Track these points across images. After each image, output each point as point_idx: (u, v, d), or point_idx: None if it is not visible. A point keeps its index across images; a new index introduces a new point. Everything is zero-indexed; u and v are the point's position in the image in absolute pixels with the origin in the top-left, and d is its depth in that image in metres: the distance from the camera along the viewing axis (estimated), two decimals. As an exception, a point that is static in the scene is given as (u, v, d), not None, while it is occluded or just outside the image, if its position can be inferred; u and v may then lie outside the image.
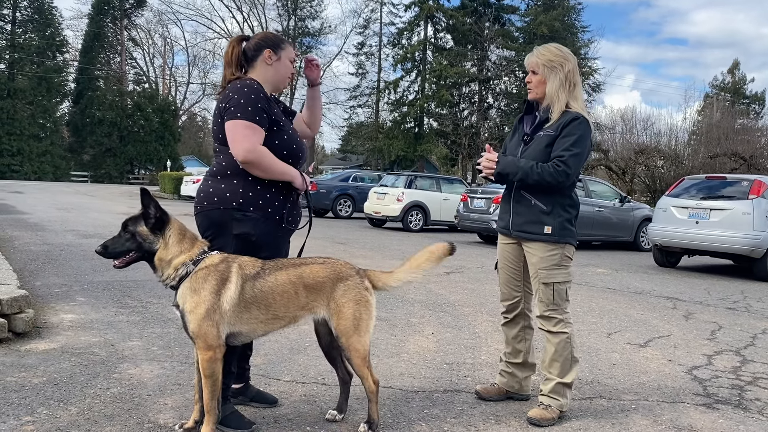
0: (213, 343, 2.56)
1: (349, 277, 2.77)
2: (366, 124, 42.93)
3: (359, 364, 2.75)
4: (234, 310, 2.59)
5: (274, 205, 2.83)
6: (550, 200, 3.16)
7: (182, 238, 2.67)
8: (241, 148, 2.68)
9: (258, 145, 2.71)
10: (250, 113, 2.71)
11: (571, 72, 3.17)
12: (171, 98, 53.68)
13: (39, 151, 46.24)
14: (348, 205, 19.64)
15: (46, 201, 19.44)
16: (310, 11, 45.61)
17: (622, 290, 7.77)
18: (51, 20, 48.33)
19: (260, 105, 2.75)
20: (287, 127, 2.91)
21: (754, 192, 9.43)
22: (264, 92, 2.82)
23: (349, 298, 2.73)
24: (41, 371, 3.44)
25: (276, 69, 2.93)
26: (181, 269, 2.61)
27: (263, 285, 2.64)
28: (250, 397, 3.11)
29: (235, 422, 2.79)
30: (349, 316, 2.71)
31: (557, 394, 3.15)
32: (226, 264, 2.63)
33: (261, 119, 2.74)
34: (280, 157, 2.81)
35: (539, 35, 35.39)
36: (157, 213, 2.64)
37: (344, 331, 2.71)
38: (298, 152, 2.92)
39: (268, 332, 2.78)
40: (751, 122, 38.16)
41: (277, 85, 2.97)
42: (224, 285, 2.58)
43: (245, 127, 2.70)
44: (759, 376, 4.20)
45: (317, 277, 2.72)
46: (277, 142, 2.82)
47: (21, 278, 5.55)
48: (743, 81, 57.29)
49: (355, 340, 2.72)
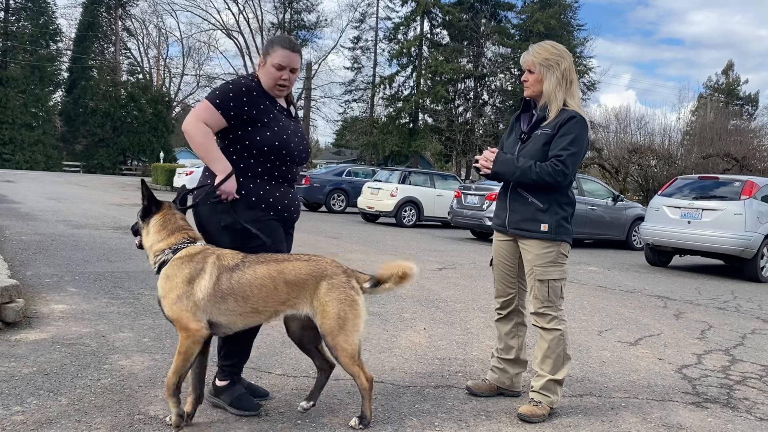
0: (190, 325, 2.61)
1: (334, 276, 2.72)
2: (361, 119, 42.80)
3: (348, 363, 2.73)
4: (209, 300, 2.62)
5: (258, 194, 2.88)
6: (547, 198, 3.17)
7: (162, 227, 2.78)
8: (189, 117, 2.81)
9: (202, 122, 2.78)
10: (216, 96, 2.83)
11: (567, 70, 3.18)
12: (165, 89, 53.33)
13: (31, 140, 45.87)
14: (341, 200, 19.61)
15: (38, 191, 19.32)
16: (306, 4, 45.36)
17: (614, 288, 7.80)
18: (45, 8, 47.91)
19: (232, 95, 2.82)
20: (278, 125, 2.91)
21: (746, 193, 9.49)
22: (253, 87, 2.90)
23: (333, 297, 2.69)
24: (31, 361, 3.42)
25: (262, 74, 2.97)
26: (159, 256, 2.73)
27: (240, 277, 2.65)
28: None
29: (244, 404, 2.91)
30: (333, 315, 2.68)
31: (548, 391, 3.16)
32: (203, 255, 2.69)
33: (223, 105, 2.81)
34: (259, 153, 2.87)
35: (535, 32, 35.41)
36: (144, 201, 2.81)
37: (329, 330, 2.68)
38: (283, 150, 2.90)
39: (248, 325, 2.76)
40: (744, 123, 38.28)
41: (268, 89, 2.96)
42: (199, 275, 2.63)
43: (204, 106, 2.82)
44: (748, 376, 4.23)
45: (299, 274, 2.70)
46: (258, 138, 2.86)
47: (12, 268, 5.52)
48: (737, 82, 57.54)
49: (342, 339, 2.69)
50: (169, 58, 58.65)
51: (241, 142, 2.87)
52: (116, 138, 48.92)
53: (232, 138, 2.88)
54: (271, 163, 2.91)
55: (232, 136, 2.88)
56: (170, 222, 2.79)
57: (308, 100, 41.13)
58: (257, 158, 2.88)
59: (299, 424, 2.85)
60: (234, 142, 2.88)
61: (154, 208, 2.81)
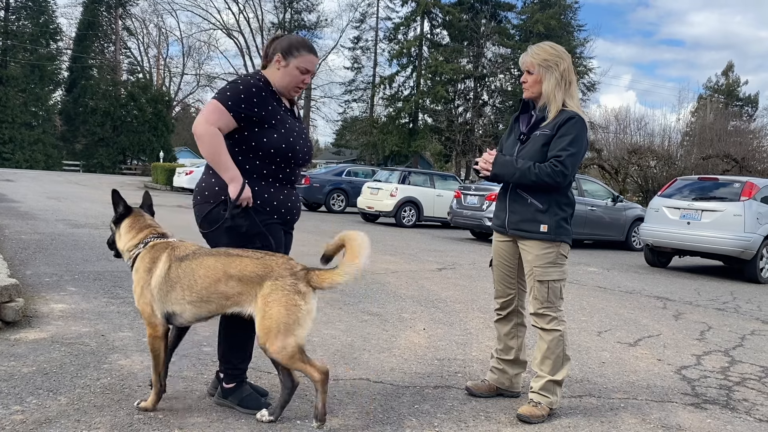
0: (151, 320, 2.78)
1: (280, 277, 2.64)
2: (360, 119, 42.81)
3: (288, 363, 2.67)
4: (160, 289, 2.74)
5: (263, 197, 2.86)
6: (547, 199, 3.17)
7: (131, 227, 2.95)
8: (199, 119, 2.75)
9: (213, 126, 2.72)
10: (227, 97, 2.76)
11: (566, 70, 3.18)
12: (165, 89, 53.33)
13: (31, 139, 45.85)
14: (341, 200, 19.61)
15: (38, 190, 19.32)
16: (306, 4, 45.41)
17: (613, 289, 7.81)
18: (45, 7, 47.89)
19: (244, 96, 2.77)
20: (284, 127, 2.89)
21: (745, 194, 9.50)
22: (262, 87, 2.85)
23: (274, 299, 2.61)
24: (31, 360, 3.43)
25: (282, 74, 2.92)
26: (132, 251, 2.90)
27: (187, 266, 2.74)
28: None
29: (252, 403, 2.92)
30: (271, 316, 2.60)
31: (548, 392, 3.16)
32: (162, 246, 2.84)
33: (235, 106, 2.75)
34: (266, 155, 2.84)
35: (535, 33, 35.44)
36: (120, 208, 3.01)
37: (264, 332, 2.62)
38: (289, 152, 2.89)
39: (200, 315, 2.76)
40: (744, 124, 38.29)
41: (281, 90, 2.94)
42: (154, 264, 2.79)
43: (215, 107, 2.75)
44: (747, 377, 4.23)
45: (244, 271, 2.67)
46: (265, 139, 2.83)
47: (11, 267, 5.52)
48: (737, 83, 57.56)
49: (279, 340, 2.60)
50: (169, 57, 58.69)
51: (247, 143, 2.84)
52: (116, 137, 48.90)
53: (238, 138, 2.84)
54: (277, 165, 2.89)
55: (238, 136, 2.83)
56: (139, 221, 2.98)
57: (308, 100, 41.14)
58: (263, 160, 2.86)
59: (298, 425, 2.85)
60: (240, 142, 2.84)
61: (125, 213, 3.00)
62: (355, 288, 6.34)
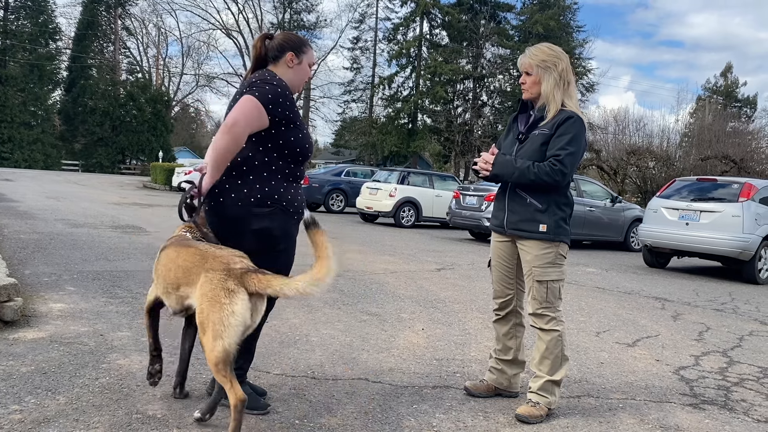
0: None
1: (212, 271, 2.52)
2: (360, 119, 42.82)
3: (212, 368, 2.49)
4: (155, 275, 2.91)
5: (287, 198, 2.85)
6: (546, 198, 3.17)
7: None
8: (236, 113, 2.65)
9: (247, 125, 2.66)
10: (267, 99, 2.71)
11: (564, 71, 3.19)
12: (164, 89, 53.31)
13: (30, 139, 45.80)
14: (340, 200, 19.61)
15: (37, 189, 19.30)
16: (305, 4, 45.40)
17: (612, 290, 7.81)
18: (44, 7, 47.83)
19: (281, 99, 2.76)
20: (303, 127, 2.93)
21: (744, 195, 9.50)
22: (287, 87, 2.84)
23: (203, 293, 2.52)
24: (29, 360, 3.42)
25: (296, 72, 2.94)
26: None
27: (159, 255, 2.87)
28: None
29: (252, 403, 2.90)
30: (202, 311, 2.51)
31: (546, 392, 3.17)
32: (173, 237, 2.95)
33: (274, 108, 2.73)
34: (291, 153, 2.84)
35: (534, 34, 35.42)
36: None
37: (199, 326, 2.54)
38: (308, 153, 2.94)
39: (174, 305, 2.75)
40: (743, 125, 38.34)
41: (294, 87, 2.96)
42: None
43: (255, 106, 2.69)
44: (745, 378, 4.24)
45: (186, 261, 2.65)
46: (293, 138, 2.84)
47: (10, 266, 5.52)
48: (735, 84, 57.63)
49: (206, 340, 2.48)
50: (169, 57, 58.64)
51: (274, 141, 2.80)
52: (115, 137, 48.87)
53: (265, 137, 2.78)
54: (296, 163, 2.90)
55: (265, 134, 2.78)
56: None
57: (307, 100, 41.13)
58: (286, 159, 2.84)
59: (297, 425, 2.85)
60: (267, 141, 2.78)
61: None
62: (353, 288, 6.34)
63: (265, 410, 2.93)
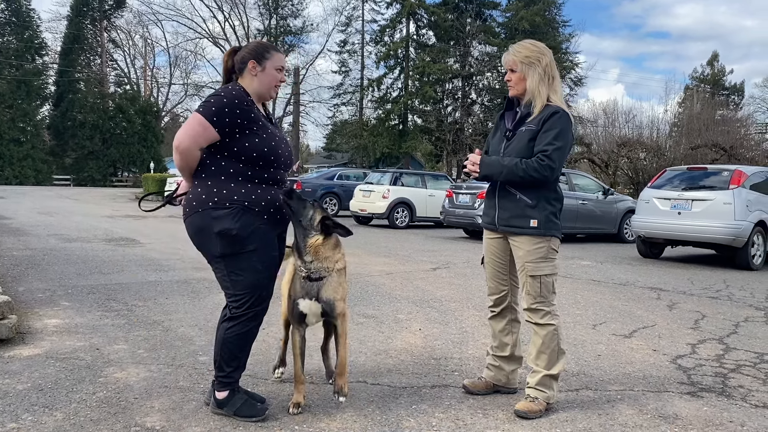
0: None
1: None
2: (350, 122, 42.77)
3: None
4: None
5: (251, 198, 2.88)
6: (536, 194, 3.18)
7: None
8: (181, 134, 2.81)
9: (193, 143, 2.80)
10: (211, 112, 2.80)
11: (548, 65, 3.20)
12: (153, 99, 53.14)
13: (20, 155, 45.57)
14: (334, 204, 19.58)
15: (28, 205, 19.21)
16: (291, 10, 45.34)
17: (607, 282, 7.84)
18: (29, 23, 47.59)
19: (227, 109, 2.81)
20: (265, 132, 2.92)
21: (734, 182, 9.56)
22: (244, 96, 2.89)
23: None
24: (26, 377, 3.41)
25: (260, 79, 2.97)
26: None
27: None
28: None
29: (249, 410, 2.93)
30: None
31: (544, 387, 3.18)
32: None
33: (219, 120, 2.80)
34: (248, 159, 2.88)
35: (521, 30, 35.45)
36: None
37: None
38: (271, 156, 2.93)
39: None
40: (731, 113, 38.56)
41: (262, 94, 3.00)
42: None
43: (199, 121, 2.80)
44: (742, 364, 4.26)
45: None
46: (247, 144, 2.86)
47: (3, 284, 5.50)
48: (722, 72, 57.91)
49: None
50: (156, 68, 58.04)
51: (229, 149, 2.87)
52: (106, 150, 48.68)
53: (220, 145, 2.87)
54: (260, 167, 2.92)
55: (220, 143, 2.86)
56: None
57: (297, 105, 41.05)
58: (246, 164, 2.89)
59: (296, 430, 2.85)
60: (222, 149, 2.87)
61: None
62: (350, 291, 6.33)
63: (263, 415, 2.92)
